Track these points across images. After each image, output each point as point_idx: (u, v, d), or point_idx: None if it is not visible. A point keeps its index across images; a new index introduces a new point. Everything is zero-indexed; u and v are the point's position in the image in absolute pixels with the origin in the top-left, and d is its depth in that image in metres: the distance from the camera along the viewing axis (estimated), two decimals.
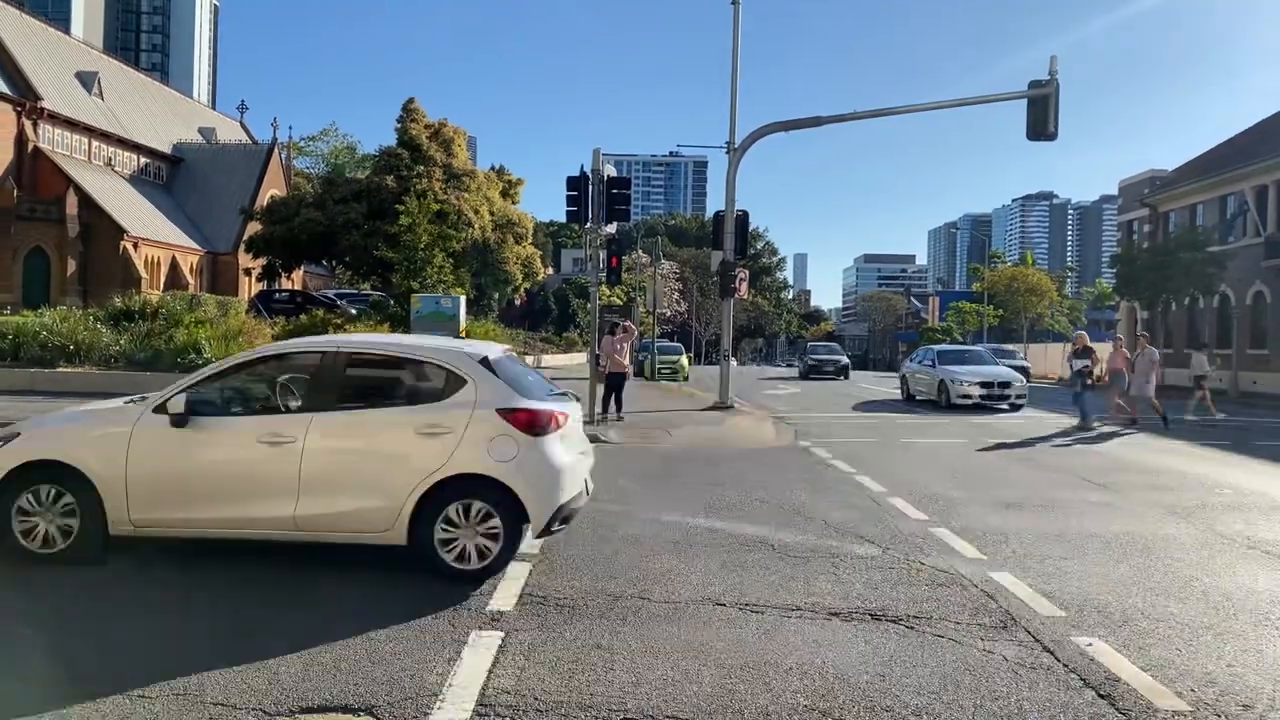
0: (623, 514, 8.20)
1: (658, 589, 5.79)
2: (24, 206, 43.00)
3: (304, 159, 69.22)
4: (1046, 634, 5.08)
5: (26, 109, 44.35)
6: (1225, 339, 35.05)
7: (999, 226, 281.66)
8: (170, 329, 20.11)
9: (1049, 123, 18.19)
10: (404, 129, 40.74)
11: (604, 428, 15.42)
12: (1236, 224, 37.01)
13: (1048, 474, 11.60)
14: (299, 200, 41.12)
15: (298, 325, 24.68)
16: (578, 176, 16.24)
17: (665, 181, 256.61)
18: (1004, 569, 6.49)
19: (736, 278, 20.15)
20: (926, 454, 13.61)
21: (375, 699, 3.99)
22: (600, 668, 4.42)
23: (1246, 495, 10.25)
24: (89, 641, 4.61)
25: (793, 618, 5.28)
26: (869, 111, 20.57)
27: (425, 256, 27.28)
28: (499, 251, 42.19)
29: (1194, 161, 41.68)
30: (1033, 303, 56.66)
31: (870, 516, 8.39)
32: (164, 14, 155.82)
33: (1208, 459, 13.67)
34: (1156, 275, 36.38)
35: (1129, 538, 7.73)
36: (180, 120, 61.17)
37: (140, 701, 3.90)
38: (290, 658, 4.44)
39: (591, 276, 17.30)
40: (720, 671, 4.41)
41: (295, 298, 39.63)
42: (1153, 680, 4.43)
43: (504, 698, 4.04)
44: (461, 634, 4.84)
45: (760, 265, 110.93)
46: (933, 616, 5.35)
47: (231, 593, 5.50)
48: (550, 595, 5.60)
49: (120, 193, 48.96)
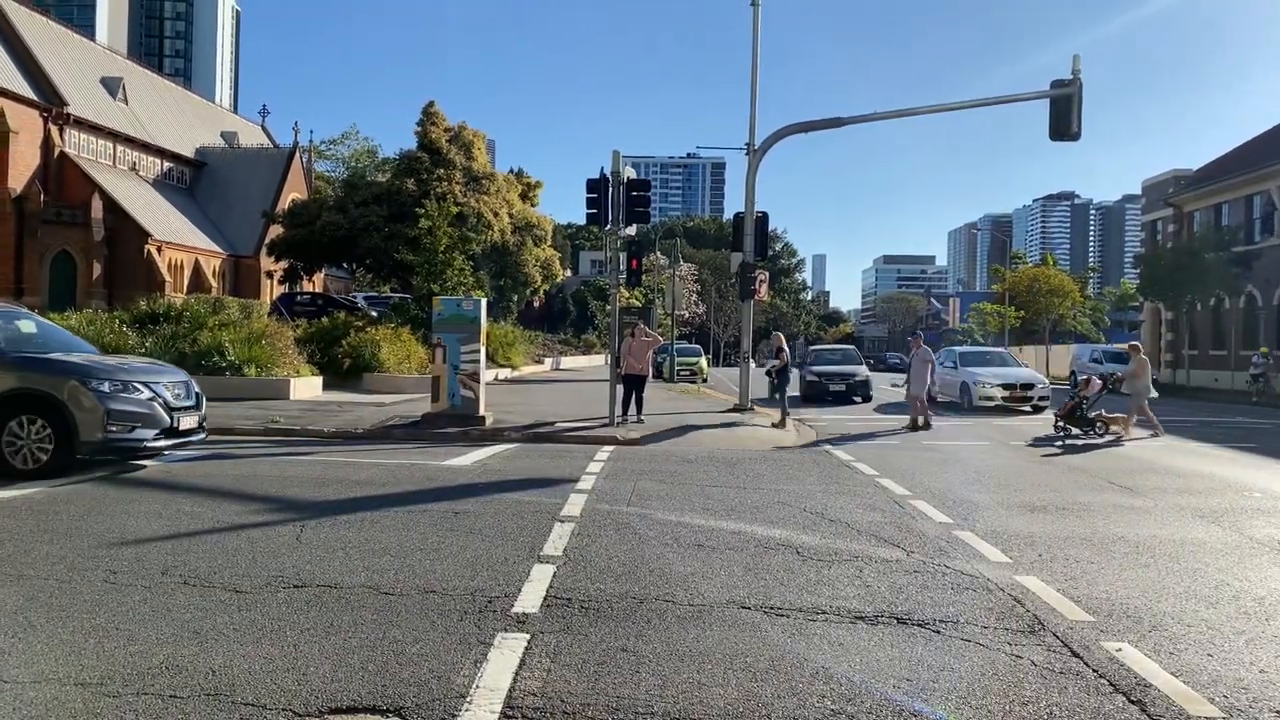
0: (645, 516, 8.21)
1: (682, 592, 5.79)
2: (50, 211, 43.58)
3: (324, 162, 69.73)
4: (1075, 639, 5.04)
5: (53, 115, 44.94)
6: (1251, 340, 34.61)
7: (1020, 227, 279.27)
8: (194, 332, 20.29)
9: (1072, 122, 18.03)
10: (424, 132, 40.96)
11: (624, 429, 15.43)
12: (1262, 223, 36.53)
13: (1073, 476, 11.49)
14: (320, 203, 41.43)
15: (319, 327, 24.86)
16: (597, 179, 16.26)
17: (683, 183, 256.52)
18: (1030, 573, 6.44)
19: (756, 279, 20.11)
20: (949, 456, 13.52)
21: (403, 700, 4.01)
22: (626, 670, 4.42)
23: (1277, 499, 10.12)
24: (117, 641, 4.66)
25: (818, 621, 5.26)
26: (889, 112, 20.48)
27: (445, 259, 27.44)
28: (518, 254, 42.32)
29: (1218, 160, 41.21)
30: (1055, 304, 56.11)
31: (893, 519, 8.35)
32: (187, 20, 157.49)
33: (1237, 462, 13.50)
34: (1181, 276, 36.01)
35: (1157, 541, 7.64)
36: (203, 125, 61.79)
37: (172, 702, 3.94)
38: (318, 659, 4.47)
39: (611, 279, 17.31)
40: (746, 675, 4.40)
41: (317, 300, 39.95)
42: (1184, 686, 4.38)
43: (531, 700, 4.05)
44: (487, 636, 4.85)
45: (779, 267, 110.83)
46: (959, 620, 5.32)
47: (258, 593, 5.55)
48: (575, 597, 5.61)
49: (144, 197, 49.51)
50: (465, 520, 7.91)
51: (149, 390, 9.85)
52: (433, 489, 9.57)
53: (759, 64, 20.50)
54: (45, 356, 10.06)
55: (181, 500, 8.55)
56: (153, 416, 9.77)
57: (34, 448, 9.34)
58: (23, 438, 9.35)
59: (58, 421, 9.34)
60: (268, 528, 7.45)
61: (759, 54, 20.45)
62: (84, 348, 11.42)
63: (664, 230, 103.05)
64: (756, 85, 20.54)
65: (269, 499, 8.77)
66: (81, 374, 9.62)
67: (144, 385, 9.87)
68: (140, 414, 9.68)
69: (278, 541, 6.94)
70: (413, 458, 12.12)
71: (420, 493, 9.30)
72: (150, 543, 6.82)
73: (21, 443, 9.34)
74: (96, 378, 9.61)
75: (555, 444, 14.07)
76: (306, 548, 6.76)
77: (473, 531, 7.45)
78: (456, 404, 15.45)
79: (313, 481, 9.83)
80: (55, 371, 9.64)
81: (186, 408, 10.32)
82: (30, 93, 43.84)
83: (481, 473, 10.95)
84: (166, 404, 9.96)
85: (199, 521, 7.62)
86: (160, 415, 9.84)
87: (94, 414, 9.37)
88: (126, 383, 9.73)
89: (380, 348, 23.83)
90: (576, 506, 8.55)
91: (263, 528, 7.45)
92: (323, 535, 7.20)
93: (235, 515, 7.92)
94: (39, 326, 11.15)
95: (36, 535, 6.96)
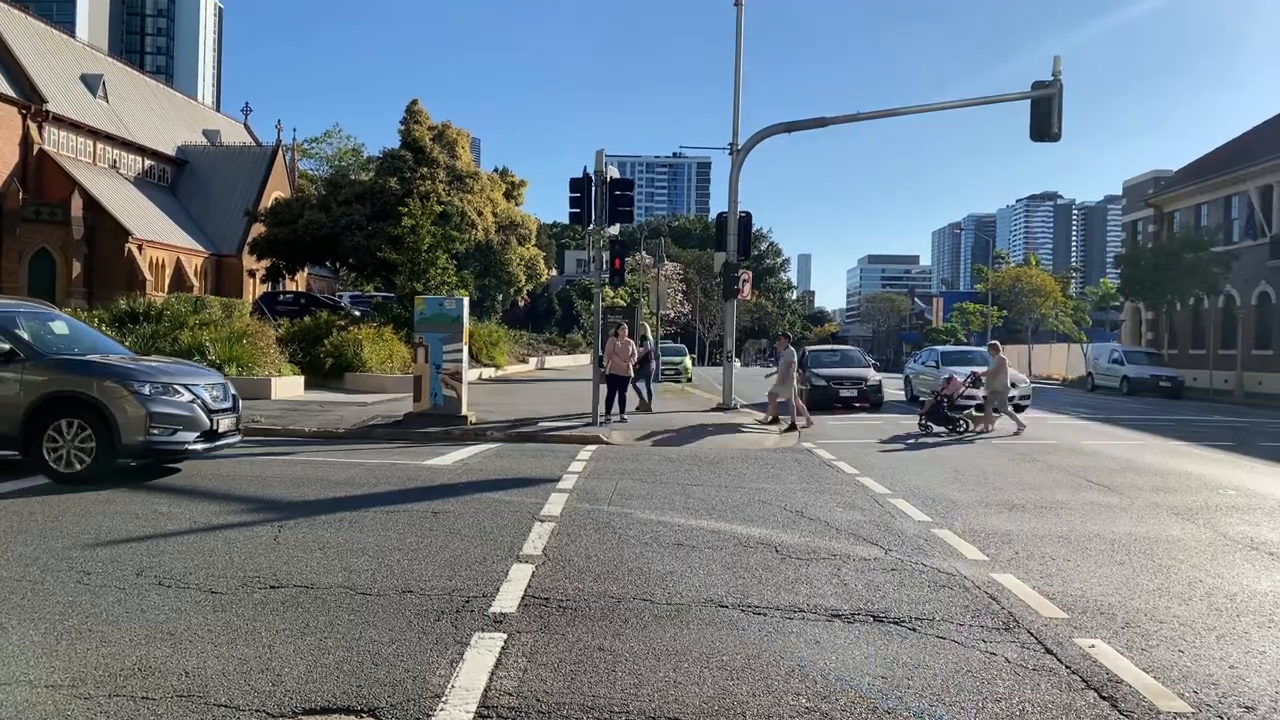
0: (625, 515, 8.21)
1: (660, 590, 5.80)
2: (29, 209, 43.12)
3: (308, 161, 69.30)
4: (1049, 636, 5.08)
5: (31, 111, 44.46)
6: (1230, 339, 34.95)
7: (1003, 227, 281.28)
8: (175, 331, 20.13)
9: (1053, 123, 18.18)
10: (407, 131, 40.78)
11: (606, 429, 15.43)
12: (1241, 224, 36.93)
13: (1052, 475, 11.58)
14: (303, 202, 41.17)
15: (301, 326, 24.72)
16: (581, 178, 16.25)
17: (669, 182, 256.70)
18: (1007, 570, 6.49)
19: (740, 279, 20.15)
20: (930, 455, 13.60)
21: (378, 700, 4.00)
22: (603, 669, 4.43)
23: (1251, 496, 10.24)
24: (89, 643, 4.63)
25: (795, 619, 5.28)
26: (873, 113, 20.57)
27: (428, 258, 27.31)
28: (502, 253, 42.20)
29: (1198, 162, 41.62)
30: (1037, 303, 56.49)
31: (873, 518, 8.39)
32: (169, 16, 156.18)
33: (1213, 460, 13.64)
34: (1161, 275, 36.35)
35: (1132, 539, 7.72)
36: (184, 122, 61.30)
37: (144, 704, 3.91)
38: (293, 659, 4.45)
39: (595, 278, 17.31)
40: (722, 673, 4.41)
41: (299, 299, 39.74)
42: (1155, 682, 4.43)
43: (506, 699, 4.05)
44: (464, 635, 4.84)
45: (764, 266, 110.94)
46: (935, 618, 5.35)
47: (234, 594, 5.51)
48: (553, 597, 5.60)
49: (125, 195, 49.08)
50: (445, 520, 7.89)
51: (189, 392, 9.70)
52: (413, 489, 9.54)
53: (742, 64, 20.56)
54: (85, 358, 9.93)
55: (158, 500, 8.49)
56: (193, 419, 9.62)
57: (75, 450, 9.16)
58: (63, 441, 9.17)
59: (99, 424, 9.16)
60: (245, 528, 7.40)
61: (742, 54, 20.51)
62: (115, 349, 11.27)
63: (649, 229, 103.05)
64: (740, 85, 20.59)
65: (247, 499, 8.71)
66: (123, 376, 9.47)
67: (184, 387, 9.72)
68: (182, 416, 9.53)
69: (255, 542, 6.90)
70: (394, 457, 12.08)
71: (400, 493, 9.27)
72: (125, 543, 6.77)
73: (62, 446, 9.17)
74: (138, 380, 9.46)
75: (537, 443, 14.05)
76: (284, 548, 6.72)
77: (452, 531, 7.43)
78: (439, 403, 15.41)
79: (292, 481, 9.78)
80: (96, 373, 9.49)
81: (224, 409, 10.18)
82: (9, 90, 43.37)
83: (462, 472, 10.92)
84: (206, 406, 9.82)
85: (175, 522, 7.57)
86: (201, 418, 9.69)
87: (136, 417, 9.21)
88: (168, 385, 9.58)
89: (363, 347, 23.72)
90: (557, 506, 8.55)
91: (240, 528, 7.40)
92: (300, 535, 7.17)
93: (212, 515, 7.87)
94: (70, 327, 10.98)
95: (9, 536, 6.89)
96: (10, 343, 9.43)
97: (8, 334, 9.51)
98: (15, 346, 9.43)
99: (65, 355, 9.93)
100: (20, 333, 9.69)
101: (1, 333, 9.48)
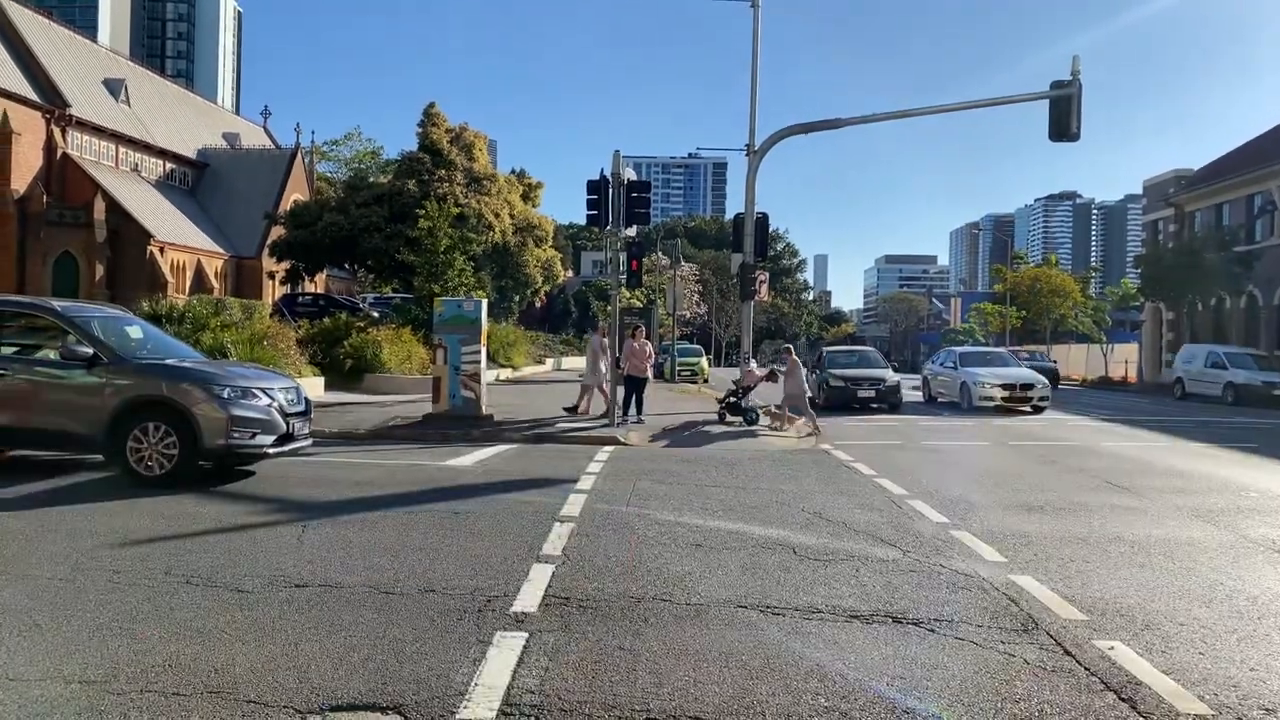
0: (643, 516, 8.26)
1: (679, 591, 5.84)
2: (53, 212, 43.69)
3: (327, 163, 69.74)
4: (1068, 637, 5.09)
5: (55, 116, 45.05)
6: (1253, 340, 34.58)
7: (1022, 227, 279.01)
8: (196, 332, 20.32)
9: (1072, 123, 18.04)
10: (425, 133, 41.05)
11: (624, 430, 15.48)
12: (1263, 223, 36.54)
13: (1071, 476, 11.54)
14: (322, 204, 41.52)
15: (321, 328, 24.92)
16: (598, 180, 16.31)
17: (685, 183, 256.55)
18: (1025, 572, 6.49)
19: (756, 280, 20.14)
20: (948, 456, 13.57)
21: (403, 698, 4.07)
22: (623, 669, 4.48)
23: (1274, 499, 10.16)
24: (121, 640, 4.72)
25: (813, 620, 5.31)
26: (890, 113, 20.50)
27: (446, 260, 27.48)
28: (519, 254, 42.39)
29: (1220, 160, 41.20)
30: (1056, 304, 56.12)
31: (890, 519, 8.40)
32: (189, 20, 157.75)
33: (1235, 462, 13.54)
34: (1182, 275, 36.02)
35: (1153, 541, 7.69)
36: (205, 126, 61.90)
37: (175, 700, 3.99)
38: (319, 657, 4.53)
39: (612, 280, 17.37)
40: (742, 673, 4.45)
41: (319, 301, 39.98)
42: (1175, 684, 4.43)
43: (528, 698, 4.10)
44: (486, 635, 4.91)
45: (780, 267, 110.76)
46: (954, 619, 5.37)
47: (260, 593, 5.60)
48: (573, 596, 5.66)
49: (146, 198, 49.62)
50: (466, 520, 7.97)
51: (266, 396, 9.86)
52: (434, 489, 9.63)
53: (759, 65, 20.55)
54: (166, 362, 10.11)
55: (184, 500, 8.61)
56: (271, 422, 9.75)
57: (158, 454, 9.26)
58: (147, 444, 9.27)
59: (182, 428, 9.27)
60: (270, 528, 7.51)
61: (759, 55, 20.50)
62: (189, 353, 11.45)
63: (665, 230, 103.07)
64: (757, 86, 20.59)
65: (271, 499, 8.83)
66: (204, 380, 9.63)
67: (262, 391, 9.87)
68: (261, 420, 9.66)
69: (280, 541, 7.00)
70: (414, 458, 12.18)
71: (421, 493, 9.36)
72: (153, 542, 6.88)
73: (145, 449, 9.27)
74: (219, 384, 9.60)
75: (556, 444, 14.13)
76: (308, 547, 6.82)
77: (473, 531, 7.50)
78: (458, 404, 15.51)
79: (314, 482, 9.89)
80: (179, 377, 9.63)
81: (299, 413, 10.34)
82: (33, 94, 43.96)
83: (482, 473, 11.00)
84: (282, 409, 9.96)
85: (201, 521, 7.69)
86: (278, 421, 9.82)
87: (218, 420, 9.33)
88: (246, 389, 9.71)
89: (382, 348, 23.89)
90: (576, 506, 8.61)
91: (265, 528, 7.51)
92: (324, 535, 7.26)
93: (238, 515, 7.98)
94: (145, 331, 11.15)
95: (40, 535, 7.02)
96: (94, 347, 9.56)
97: (90, 338, 9.65)
98: (98, 351, 9.56)
99: (147, 359, 10.12)
100: (101, 337, 9.84)
101: (86, 337, 9.62)
